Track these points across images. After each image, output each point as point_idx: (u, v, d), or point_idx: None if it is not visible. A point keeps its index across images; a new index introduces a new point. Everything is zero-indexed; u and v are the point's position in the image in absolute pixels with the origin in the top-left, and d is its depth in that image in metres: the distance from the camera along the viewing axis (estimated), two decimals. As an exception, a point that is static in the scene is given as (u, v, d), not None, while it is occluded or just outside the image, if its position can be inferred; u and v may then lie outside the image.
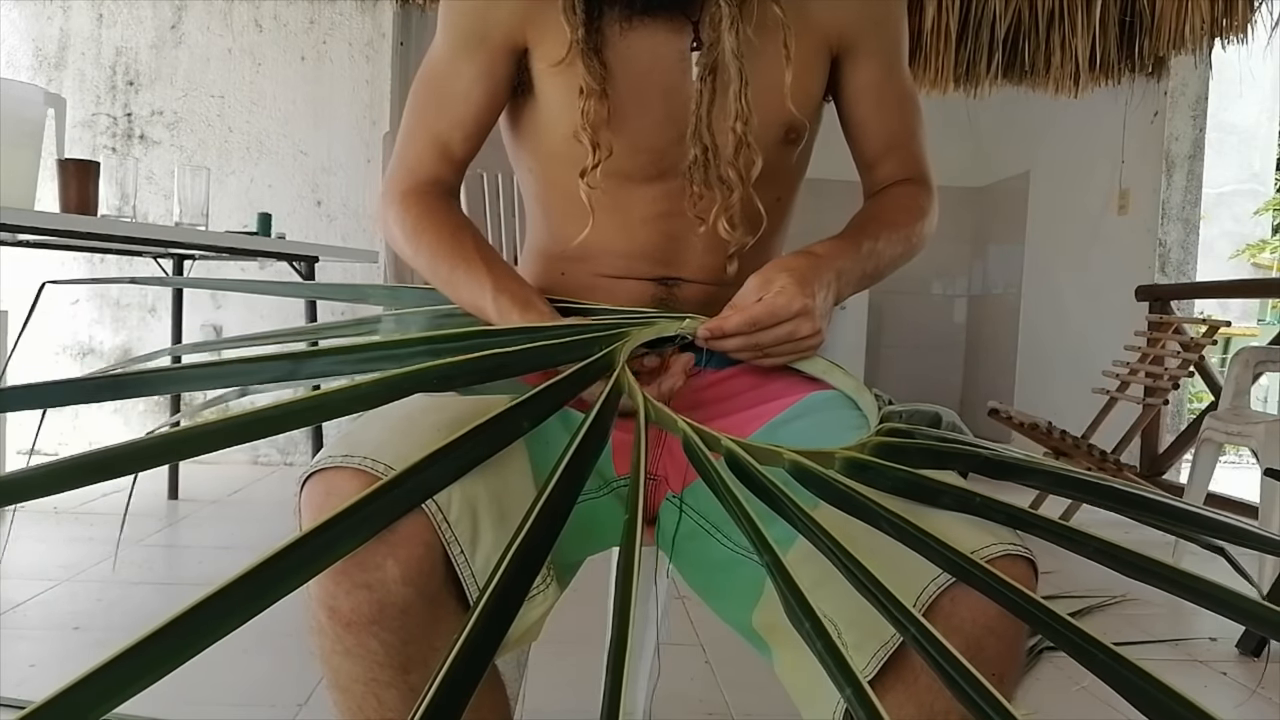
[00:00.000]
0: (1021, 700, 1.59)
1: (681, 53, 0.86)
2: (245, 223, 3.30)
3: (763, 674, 0.45)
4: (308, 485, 0.65)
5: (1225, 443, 2.64)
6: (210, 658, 0.41)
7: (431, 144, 0.92)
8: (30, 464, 0.56)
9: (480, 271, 0.84)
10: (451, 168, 0.94)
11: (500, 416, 0.59)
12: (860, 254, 0.88)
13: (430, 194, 0.92)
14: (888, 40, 0.94)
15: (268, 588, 0.43)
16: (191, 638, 0.39)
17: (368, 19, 3.55)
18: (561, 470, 0.55)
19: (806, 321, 0.80)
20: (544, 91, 0.89)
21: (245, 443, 0.52)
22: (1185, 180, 3.72)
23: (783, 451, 0.64)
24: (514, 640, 0.66)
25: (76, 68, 3.51)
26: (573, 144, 0.86)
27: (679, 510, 0.81)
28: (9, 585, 2.02)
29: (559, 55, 0.85)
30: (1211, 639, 2.02)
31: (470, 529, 0.63)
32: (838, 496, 0.60)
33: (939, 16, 3.48)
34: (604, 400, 0.62)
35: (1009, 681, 0.63)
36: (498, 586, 0.47)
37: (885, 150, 0.98)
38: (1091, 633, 0.45)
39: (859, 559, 0.51)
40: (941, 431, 0.74)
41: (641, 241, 0.90)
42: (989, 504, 0.61)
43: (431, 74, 0.92)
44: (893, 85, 0.96)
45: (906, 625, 0.46)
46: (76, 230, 1.98)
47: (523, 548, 0.50)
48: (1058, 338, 4.45)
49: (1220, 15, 3.35)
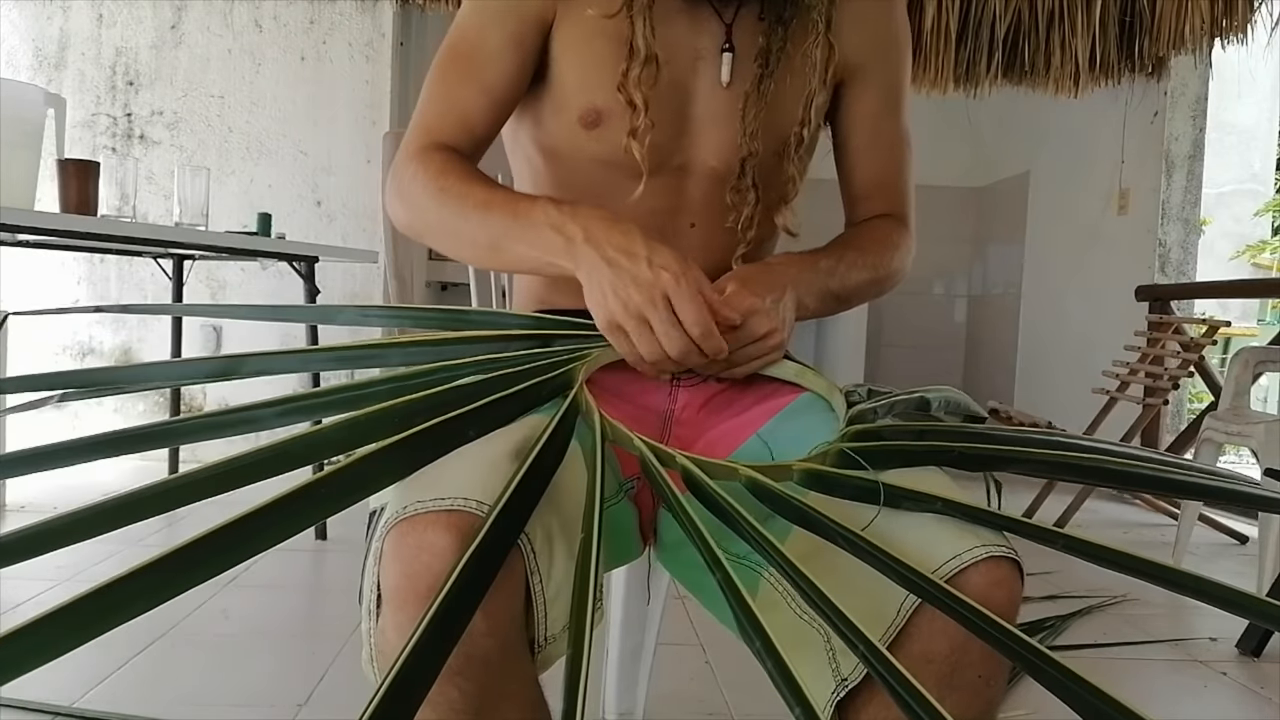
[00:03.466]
0: (1023, 700, 1.59)
1: (698, 50, 0.86)
2: (245, 223, 3.30)
3: (762, 674, 0.46)
4: (393, 536, 0.58)
5: (1225, 443, 2.64)
6: (210, 658, 0.41)
7: (452, 110, 0.87)
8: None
9: (521, 205, 0.80)
10: (471, 140, 0.88)
11: (445, 424, 0.57)
12: (818, 268, 0.88)
13: (452, 152, 0.87)
14: (892, 74, 0.95)
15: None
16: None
17: (368, 19, 3.55)
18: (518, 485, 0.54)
19: (761, 319, 0.78)
20: (562, 66, 0.87)
21: (206, 499, 0.51)
22: (1185, 180, 3.72)
23: (738, 467, 0.63)
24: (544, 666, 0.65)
25: (76, 68, 3.51)
26: (576, 132, 0.86)
27: (675, 518, 0.81)
28: (9, 585, 2.02)
29: (608, 5, 0.82)
30: (1211, 639, 2.02)
31: (549, 559, 0.61)
32: (793, 512, 0.59)
33: (939, 16, 3.48)
34: (560, 418, 0.61)
35: (995, 685, 0.63)
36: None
37: (873, 188, 0.98)
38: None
39: (839, 571, 0.50)
40: (918, 423, 0.73)
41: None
42: (951, 506, 0.61)
43: (458, 40, 0.88)
44: (890, 121, 0.96)
45: (869, 658, 0.45)
46: (76, 230, 1.98)
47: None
48: (1058, 338, 4.45)
49: (1220, 15, 3.34)
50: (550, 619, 0.61)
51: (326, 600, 2.15)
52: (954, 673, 0.61)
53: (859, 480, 0.62)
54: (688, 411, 0.86)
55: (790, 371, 0.86)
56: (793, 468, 0.65)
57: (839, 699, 0.62)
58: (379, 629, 0.60)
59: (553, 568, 0.61)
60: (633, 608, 1.23)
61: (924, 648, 0.61)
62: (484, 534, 0.50)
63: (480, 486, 0.59)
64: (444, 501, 0.58)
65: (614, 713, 1.28)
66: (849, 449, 0.66)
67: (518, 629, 0.60)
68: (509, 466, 0.61)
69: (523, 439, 0.65)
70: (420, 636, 0.43)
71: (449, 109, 0.87)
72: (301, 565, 2.31)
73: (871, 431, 0.70)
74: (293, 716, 1.47)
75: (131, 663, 1.63)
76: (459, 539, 0.56)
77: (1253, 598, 0.49)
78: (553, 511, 0.61)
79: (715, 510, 0.58)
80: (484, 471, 0.60)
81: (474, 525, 0.57)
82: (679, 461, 0.63)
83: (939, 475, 0.68)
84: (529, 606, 0.61)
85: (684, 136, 0.88)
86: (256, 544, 0.45)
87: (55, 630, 0.38)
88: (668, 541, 0.82)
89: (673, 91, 0.86)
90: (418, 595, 0.56)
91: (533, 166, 0.95)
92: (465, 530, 0.57)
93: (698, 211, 0.90)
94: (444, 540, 0.57)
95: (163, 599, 0.41)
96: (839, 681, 0.63)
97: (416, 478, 0.58)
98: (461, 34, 0.88)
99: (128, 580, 0.40)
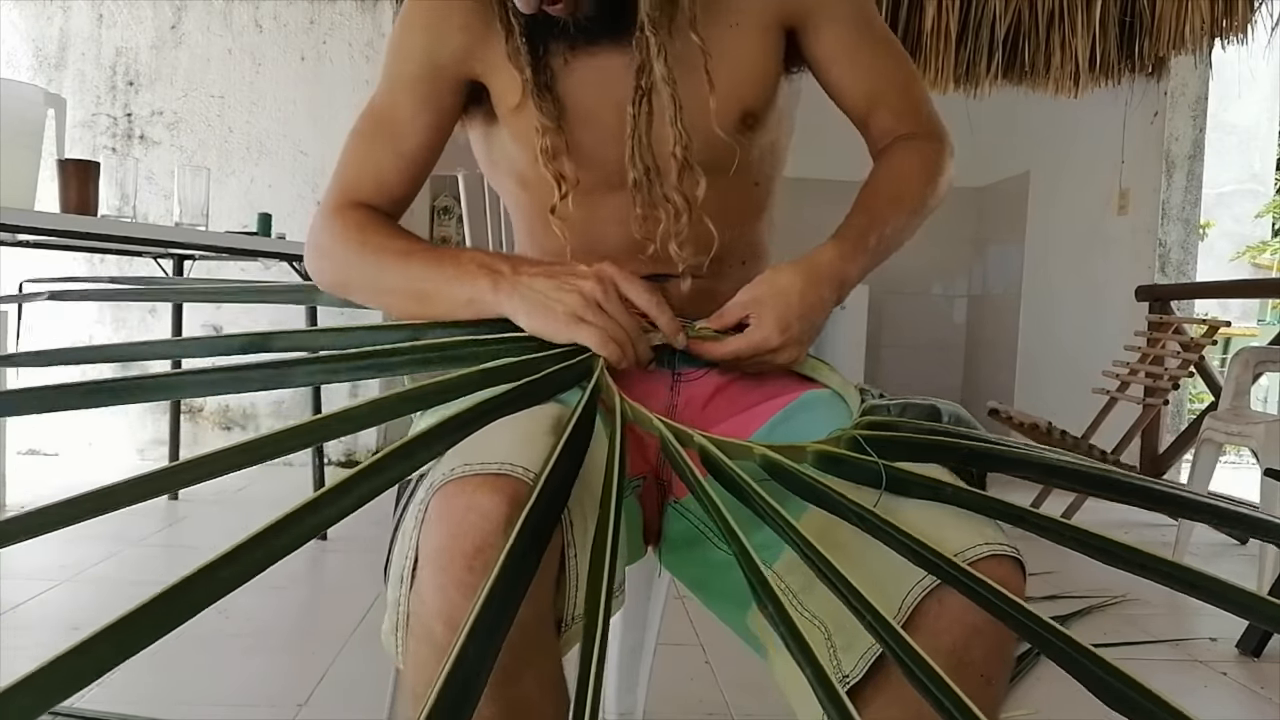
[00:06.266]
0: (1023, 700, 1.59)
1: (628, 68, 0.84)
2: (245, 223, 3.30)
3: (762, 674, 0.45)
4: (440, 497, 0.60)
5: (1225, 443, 2.64)
6: (210, 658, 0.41)
7: (367, 172, 0.89)
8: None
9: (446, 252, 0.82)
10: (389, 201, 0.90)
11: (489, 401, 0.59)
12: (868, 249, 0.86)
13: (371, 209, 0.89)
14: (847, 6, 0.92)
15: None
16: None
17: (368, 19, 3.55)
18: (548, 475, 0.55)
19: (788, 351, 0.81)
20: (507, 126, 0.90)
21: (248, 467, 0.52)
22: (1185, 180, 3.72)
23: (754, 447, 0.64)
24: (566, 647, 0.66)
25: (76, 68, 3.51)
26: (541, 167, 0.86)
27: (683, 515, 0.81)
28: (9, 585, 2.02)
29: (513, 100, 0.86)
30: (1211, 639, 2.02)
31: (585, 535, 0.62)
32: (807, 490, 0.60)
33: (939, 16, 3.48)
34: (585, 400, 0.62)
35: (998, 683, 0.63)
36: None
37: (870, 105, 0.94)
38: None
39: (845, 561, 0.50)
40: (928, 424, 0.73)
41: (623, 244, 0.89)
42: (961, 494, 0.61)
43: (376, 103, 0.91)
44: (865, 42, 0.93)
45: (883, 635, 0.46)
46: (76, 230, 1.98)
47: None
48: (1058, 338, 4.45)
49: (1220, 15, 3.35)
50: (579, 597, 0.62)
51: (326, 600, 2.15)
52: (955, 670, 0.61)
53: (871, 464, 0.63)
54: (690, 408, 0.86)
55: (806, 366, 0.87)
56: (807, 449, 0.65)
57: None
58: (415, 593, 0.60)
59: (586, 544, 0.62)
60: (633, 608, 1.23)
61: (926, 644, 0.61)
62: (535, 496, 0.51)
63: (524, 454, 0.61)
64: (491, 465, 0.59)
65: (614, 713, 1.28)
66: (861, 436, 0.66)
67: (549, 600, 0.61)
68: (545, 440, 0.62)
69: (554, 417, 0.66)
70: (490, 592, 0.44)
71: (364, 171, 0.89)
72: (302, 565, 2.32)
73: (884, 424, 0.70)
74: (293, 716, 1.47)
75: (131, 663, 1.63)
76: (506, 501, 0.58)
77: (1255, 596, 0.48)
78: (585, 490, 0.62)
79: (733, 490, 0.59)
80: (524, 443, 0.62)
81: (519, 490, 0.59)
82: (697, 441, 0.64)
83: (946, 474, 0.68)
84: (560, 583, 0.62)
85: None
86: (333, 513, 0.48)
87: (86, 660, 0.38)
88: (673, 539, 0.83)
89: (617, 110, 0.85)
90: (464, 554, 0.57)
91: (514, 193, 0.96)
92: (512, 494, 0.58)
93: (653, 233, 0.89)
94: (491, 501, 0.58)
95: (180, 621, 0.41)
96: (840, 678, 0.63)
97: (460, 446, 0.60)
98: (379, 96, 0.90)
99: (140, 613, 0.40)
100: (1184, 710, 0.40)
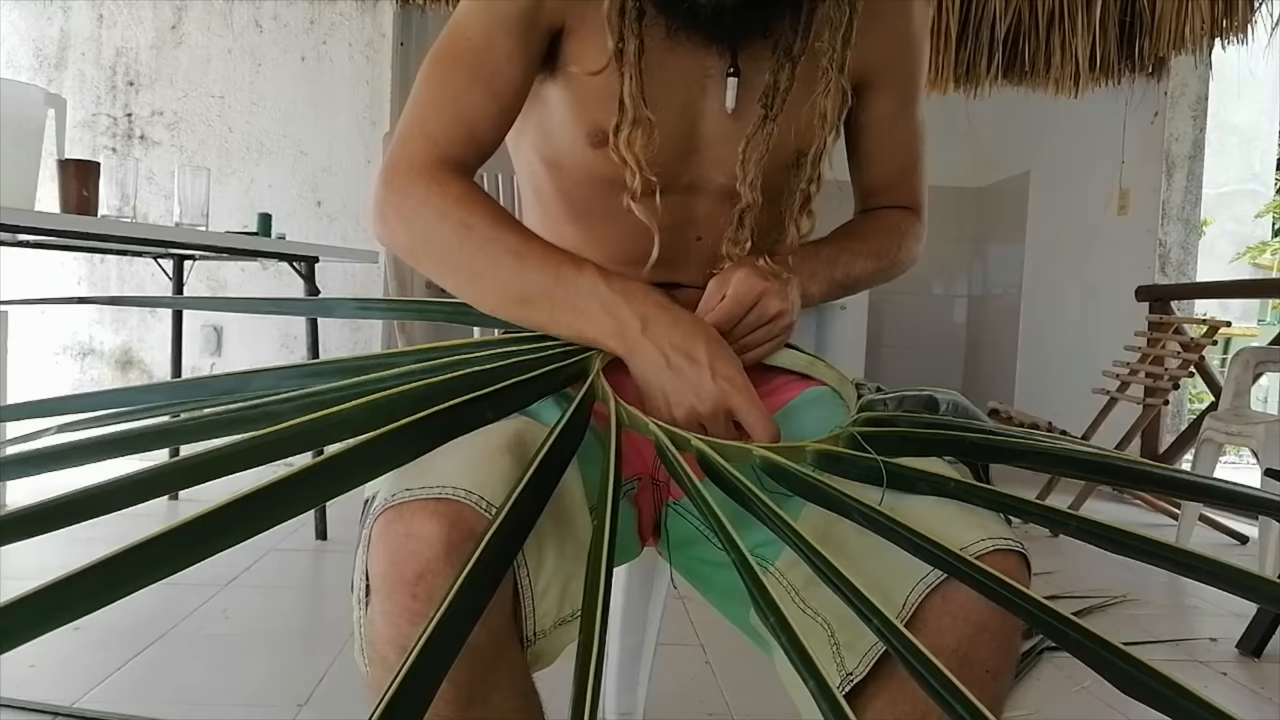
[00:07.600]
0: (1022, 700, 1.59)
1: (705, 69, 0.83)
2: (245, 223, 3.30)
3: (762, 674, 0.45)
4: (381, 523, 0.59)
5: (1225, 443, 2.64)
6: (210, 658, 0.41)
7: (459, 119, 0.80)
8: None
9: (562, 263, 0.75)
10: (477, 154, 0.81)
11: (465, 405, 0.58)
12: (820, 257, 0.88)
13: (469, 180, 0.80)
14: (907, 74, 0.93)
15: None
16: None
17: (368, 19, 3.55)
18: (536, 470, 0.55)
19: (773, 299, 0.79)
20: (568, 91, 0.84)
21: (249, 469, 0.51)
22: (1185, 180, 3.72)
23: (752, 449, 0.64)
24: (534, 664, 0.65)
25: (76, 68, 3.51)
26: (582, 149, 0.84)
27: (682, 515, 0.81)
28: (9, 585, 2.01)
29: (598, 60, 0.79)
30: (1212, 639, 2.02)
31: (537, 554, 0.61)
32: (809, 490, 0.60)
33: (939, 16, 3.48)
34: (578, 402, 0.62)
35: (1003, 679, 0.63)
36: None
37: (886, 186, 0.98)
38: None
39: (846, 560, 0.50)
40: (926, 415, 0.73)
41: (642, 251, 0.86)
42: (965, 488, 0.61)
43: (462, 45, 0.81)
44: (905, 121, 0.95)
45: (887, 635, 0.46)
46: (76, 230, 1.98)
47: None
48: (1058, 338, 4.45)
49: (1220, 15, 3.35)
50: (538, 614, 0.62)
51: (326, 600, 2.15)
52: (960, 667, 0.61)
53: (872, 461, 0.62)
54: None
55: (801, 362, 0.86)
56: (806, 448, 0.65)
57: (844, 694, 0.63)
58: (368, 618, 0.60)
59: (542, 563, 0.61)
60: (633, 608, 1.23)
61: (930, 642, 0.61)
62: (495, 528, 0.50)
63: (471, 477, 0.59)
64: (433, 490, 0.58)
65: (614, 713, 1.28)
66: (860, 434, 0.66)
67: (505, 620, 0.61)
68: (500, 459, 0.61)
69: (515, 432, 0.65)
70: (434, 629, 0.43)
71: (455, 117, 0.80)
72: (301, 565, 2.31)
73: (883, 419, 0.70)
74: (293, 717, 1.47)
75: (131, 663, 1.63)
76: (446, 527, 0.57)
77: (1262, 579, 0.48)
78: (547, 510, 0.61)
79: (731, 493, 0.59)
80: (476, 462, 0.61)
81: (462, 515, 0.57)
82: (694, 444, 0.63)
83: (947, 468, 0.68)
84: (517, 601, 0.61)
85: (693, 155, 0.86)
86: (260, 522, 0.47)
87: (59, 599, 0.40)
88: (676, 538, 0.83)
89: (680, 112, 0.83)
90: (406, 582, 0.56)
91: (536, 174, 0.93)
92: (453, 519, 0.57)
93: (705, 226, 0.89)
94: (430, 528, 0.57)
95: (163, 574, 0.42)
96: (844, 676, 0.63)
97: (408, 466, 0.57)
98: (464, 35, 0.81)
99: (131, 553, 0.42)
100: (1208, 698, 0.39)
